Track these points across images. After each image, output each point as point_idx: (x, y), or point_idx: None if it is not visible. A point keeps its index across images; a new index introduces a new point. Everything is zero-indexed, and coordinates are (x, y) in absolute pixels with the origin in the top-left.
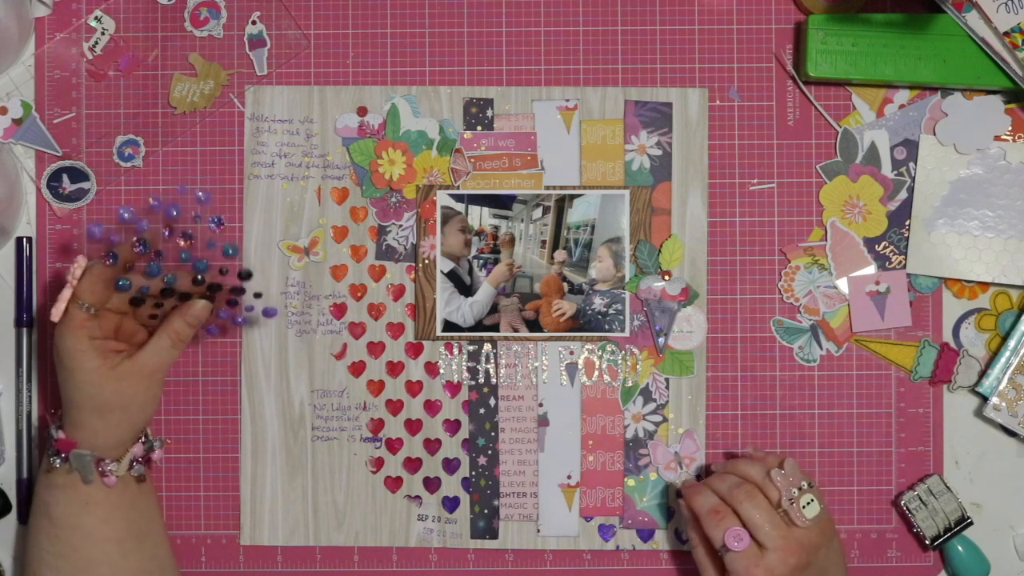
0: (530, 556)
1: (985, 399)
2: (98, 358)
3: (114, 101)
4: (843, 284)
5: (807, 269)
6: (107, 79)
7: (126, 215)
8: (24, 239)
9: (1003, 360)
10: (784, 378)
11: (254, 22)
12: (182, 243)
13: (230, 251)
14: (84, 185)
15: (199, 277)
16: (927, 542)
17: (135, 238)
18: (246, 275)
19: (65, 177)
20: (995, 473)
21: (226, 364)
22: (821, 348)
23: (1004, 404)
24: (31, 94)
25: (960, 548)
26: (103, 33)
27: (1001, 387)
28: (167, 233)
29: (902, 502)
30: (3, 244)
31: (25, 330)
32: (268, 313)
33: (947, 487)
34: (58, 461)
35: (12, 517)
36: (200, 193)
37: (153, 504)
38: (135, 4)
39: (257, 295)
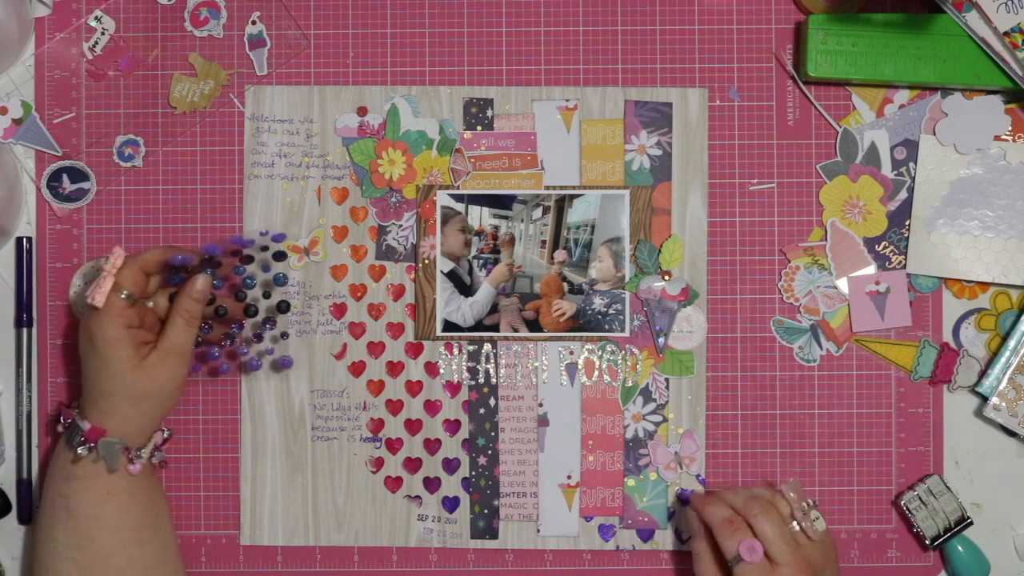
0: (530, 556)
1: (985, 399)
2: (131, 348)
3: (114, 101)
4: (843, 284)
5: (807, 269)
6: (107, 79)
7: (217, 251)
8: (24, 239)
9: (1003, 360)
10: (784, 378)
11: (254, 22)
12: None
13: (281, 277)
14: (84, 185)
15: (241, 293)
16: (927, 542)
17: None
18: (284, 309)
19: (65, 177)
20: (995, 473)
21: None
22: (821, 348)
23: (1004, 404)
24: (31, 94)
25: (960, 548)
26: (103, 33)
27: (1001, 387)
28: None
29: (902, 502)
30: (3, 244)
31: (25, 330)
32: (284, 364)
33: (947, 487)
34: (85, 450)
35: (12, 517)
36: (276, 234)
37: (163, 495)
38: (135, 4)
39: (284, 335)
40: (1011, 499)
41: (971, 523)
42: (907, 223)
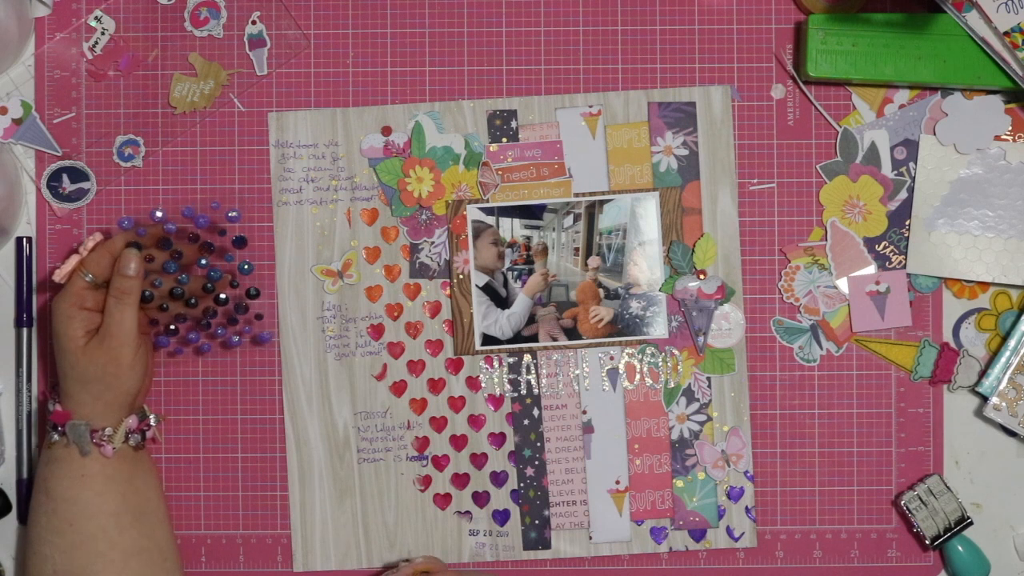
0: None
1: (985, 399)
2: (80, 328)
3: (114, 101)
4: (843, 284)
5: (807, 269)
6: (107, 79)
7: (125, 223)
8: (24, 239)
9: (1003, 360)
10: (784, 378)
11: (254, 22)
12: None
13: (245, 267)
14: (84, 185)
15: (208, 285)
16: (927, 542)
17: (163, 233)
18: (254, 294)
19: (65, 177)
20: (995, 473)
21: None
22: (821, 348)
23: (1004, 404)
24: (31, 94)
25: (960, 548)
26: (103, 33)
27: (1001, 387)
28: (191, 239)
29: (902, 502)
30: (3, 244)
31: (25, 330)
32: (262, 339)
33: (947, 487)
34: (56, 435)
35: (12, 517)
36: (232, 212)
37: (152, 484)
38: (135, 4)
39: (258, 316)
40: (1011, 499)
41: (971, 523)
42: (907, 223)
